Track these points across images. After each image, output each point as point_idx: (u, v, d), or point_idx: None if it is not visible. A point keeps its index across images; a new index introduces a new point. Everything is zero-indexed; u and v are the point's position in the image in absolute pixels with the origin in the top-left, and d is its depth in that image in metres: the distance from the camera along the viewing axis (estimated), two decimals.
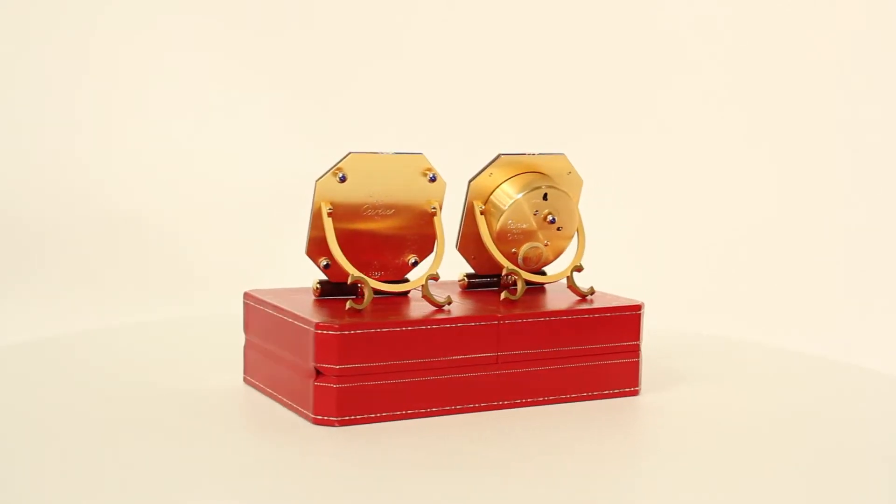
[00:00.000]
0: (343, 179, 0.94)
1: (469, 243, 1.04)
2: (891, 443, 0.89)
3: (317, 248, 0.97)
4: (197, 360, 1.11)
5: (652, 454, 0.87)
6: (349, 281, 0.94)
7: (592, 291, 1.03)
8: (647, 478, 0.82)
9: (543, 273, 1.05)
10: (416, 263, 1.00)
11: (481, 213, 1.02)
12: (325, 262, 0.97)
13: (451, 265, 1.05)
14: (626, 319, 1.00)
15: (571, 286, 1.03)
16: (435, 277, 0.97)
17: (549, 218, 1.02)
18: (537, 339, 0.95)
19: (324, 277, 0.99)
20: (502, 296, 1.00)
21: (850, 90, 1.48)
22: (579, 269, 1.04)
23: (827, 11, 1.49)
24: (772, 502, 0.75)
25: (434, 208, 0.98)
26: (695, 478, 0.80)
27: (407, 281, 1.00)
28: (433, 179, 0.98)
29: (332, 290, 0.98)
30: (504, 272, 1.01)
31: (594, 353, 0.98)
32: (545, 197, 1.02)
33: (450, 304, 0.96)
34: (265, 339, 0.97)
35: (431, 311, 0.94)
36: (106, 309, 1.35)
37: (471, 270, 1.06)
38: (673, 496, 0.77)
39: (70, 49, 1.63)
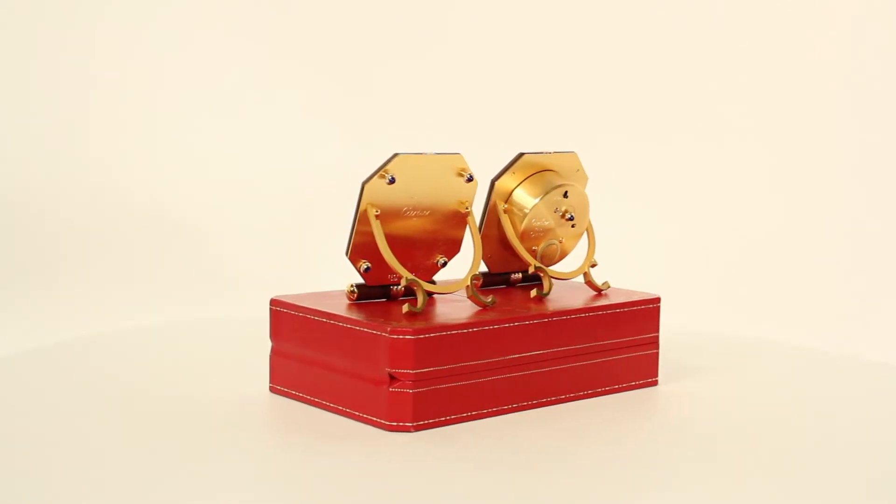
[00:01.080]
0: (392, 181, 0.93)
1: (488, 242, 1.04)
2: None
3: (358, 251, 0.95)
4: (213, 367, 1.07)
5: (710, 440, 0.89)
6: (402, 284, 0.93)
7: (608, 286, 1.06)
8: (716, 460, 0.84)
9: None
10: (444, 264, 1.00)
11: (504, 213, 1.02)
12: (365, 266, 0.96)
13: (462, 263, 1.05)
14: (648, 312, 1.03)
15: (589, 282, 1.05)
16: (478, 278, 0.97)
17: (568, 215, 1.04)
18: (578, 334, 0.97)
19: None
20: (533, 293, 1.01)
21: (857, 90, 1.54)
22: (594, 264, 1.06)
23: (838, 14, 1.55)
24: (784, 487, 0.79)
25: (468, 209, 0.98)
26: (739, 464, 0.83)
27: (433, 283, 0.99)
28: (470, 179, 0.97)
29: (368, 293, 0.97)
30: (530, 270, 1.02)
31: (623, 345, 1.01)
32: (566, 195, 1.03)
33: (494, 303, 0.96)
34: (306, 347, 0.94)
35: (479, 311, 0.94)
36: (102, 313, 1.29)
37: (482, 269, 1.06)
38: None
39: (79, 45, 1.60)
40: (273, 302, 0.98)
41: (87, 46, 1.60)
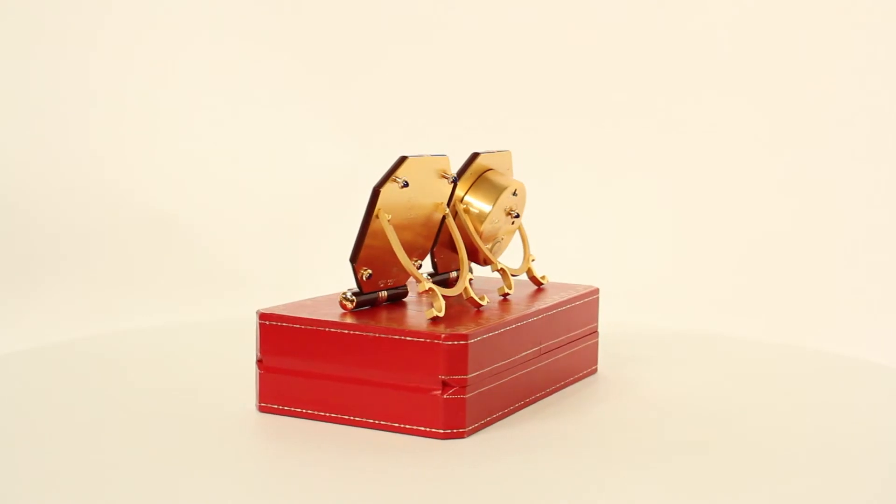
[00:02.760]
0: (406, 185, 0.91)
1: (442, 243, 1.04)
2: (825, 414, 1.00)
3: (364, 258, 0.92)
4: (214, 370, 1.04)
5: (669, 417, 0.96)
6: (420, 290, 0.92)
7: (546, 280, 1.09)
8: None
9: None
10: (419, 267, 0.99)
11: (465, 213, 1.03)
12: (367, 274, 0.93)
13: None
14: (591, 304, 1.08)
15: (532, 276, 1.08)
16: (471, 280, 0.97)
17: (515, 213, 1.06)
18: (564, 325, 1.01)
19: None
20: (499, 292, 1.03)
21: (822, 72, 1.59)
22: (533, 259, 1.09)
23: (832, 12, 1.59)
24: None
25: (448, 211, 0.98)
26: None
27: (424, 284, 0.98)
28: (454, 181, 0.97)
29: (364, 301, 0.95)
30: (492, 269, 1.04)
31: (579, 336, 1.05)
32: (514, 193, 1.06)
33: (486, 302, 0.97)
34: (316, 362, 0.90)
35: (480, 310, 0.95)
36: (102, 314, 1.17)
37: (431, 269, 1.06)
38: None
39: (80, 46, 1.53)
40: (263, 316, 0.92)
41: (88, 47, 1.53)
